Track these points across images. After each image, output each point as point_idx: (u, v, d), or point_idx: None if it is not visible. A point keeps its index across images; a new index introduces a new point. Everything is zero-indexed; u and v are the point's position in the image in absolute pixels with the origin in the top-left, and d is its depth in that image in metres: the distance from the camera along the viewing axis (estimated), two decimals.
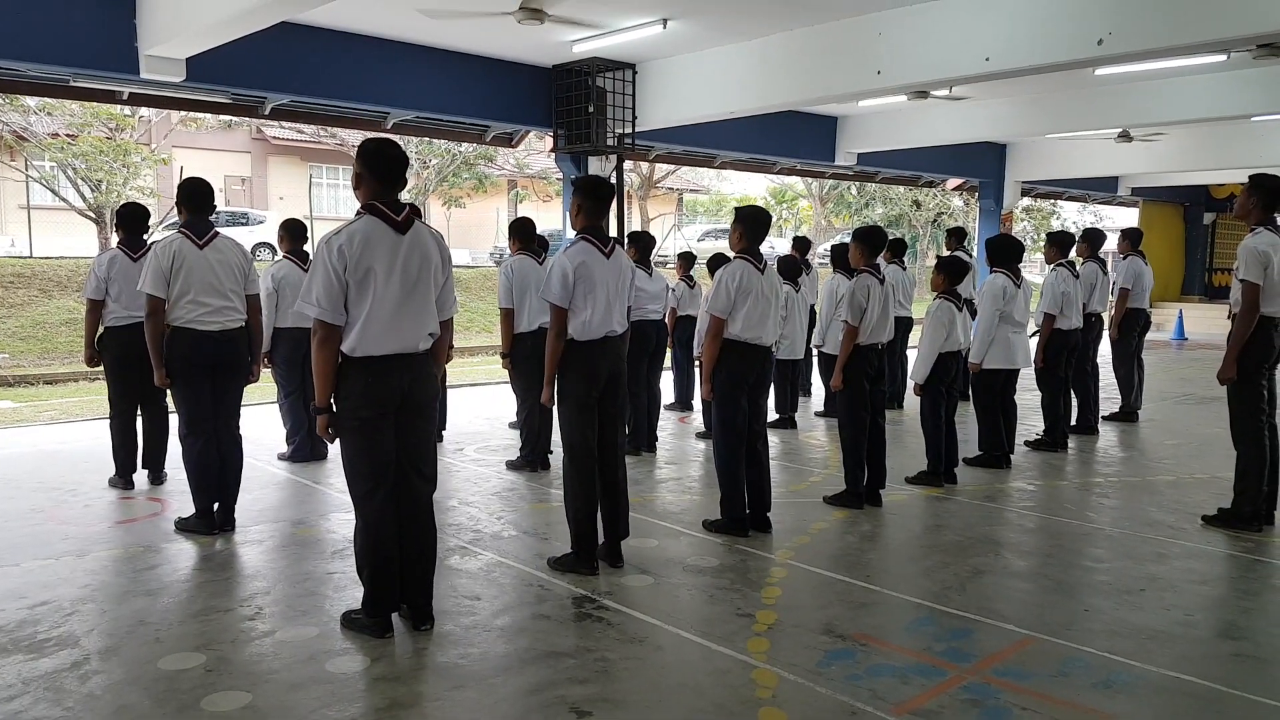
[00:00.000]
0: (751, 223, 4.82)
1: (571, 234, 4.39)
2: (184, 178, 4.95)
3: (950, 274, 6.10)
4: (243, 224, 19.53)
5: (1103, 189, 18.46)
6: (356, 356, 3.37)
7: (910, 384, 6.09)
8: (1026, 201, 24.31)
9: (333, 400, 3.44)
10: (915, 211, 29.33)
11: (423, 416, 3.54)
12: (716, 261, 7.28)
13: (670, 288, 7.58)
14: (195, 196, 4.81)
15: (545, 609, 3.88)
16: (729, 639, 3.59)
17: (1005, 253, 6.57)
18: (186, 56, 6.88)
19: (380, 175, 3.41)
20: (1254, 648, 3.62)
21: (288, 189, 25.19)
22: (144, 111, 17.89)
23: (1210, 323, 18.00)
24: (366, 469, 3.44)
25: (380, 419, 3.42)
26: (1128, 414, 8.49)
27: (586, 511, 4.24)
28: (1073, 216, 32.76)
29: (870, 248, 5.47)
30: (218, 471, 4.86)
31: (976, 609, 3.96)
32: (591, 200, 4.22)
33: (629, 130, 9.30)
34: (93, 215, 17.53)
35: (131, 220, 5.67)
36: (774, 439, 6.95)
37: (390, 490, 3.49)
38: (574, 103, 9.37)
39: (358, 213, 3.46)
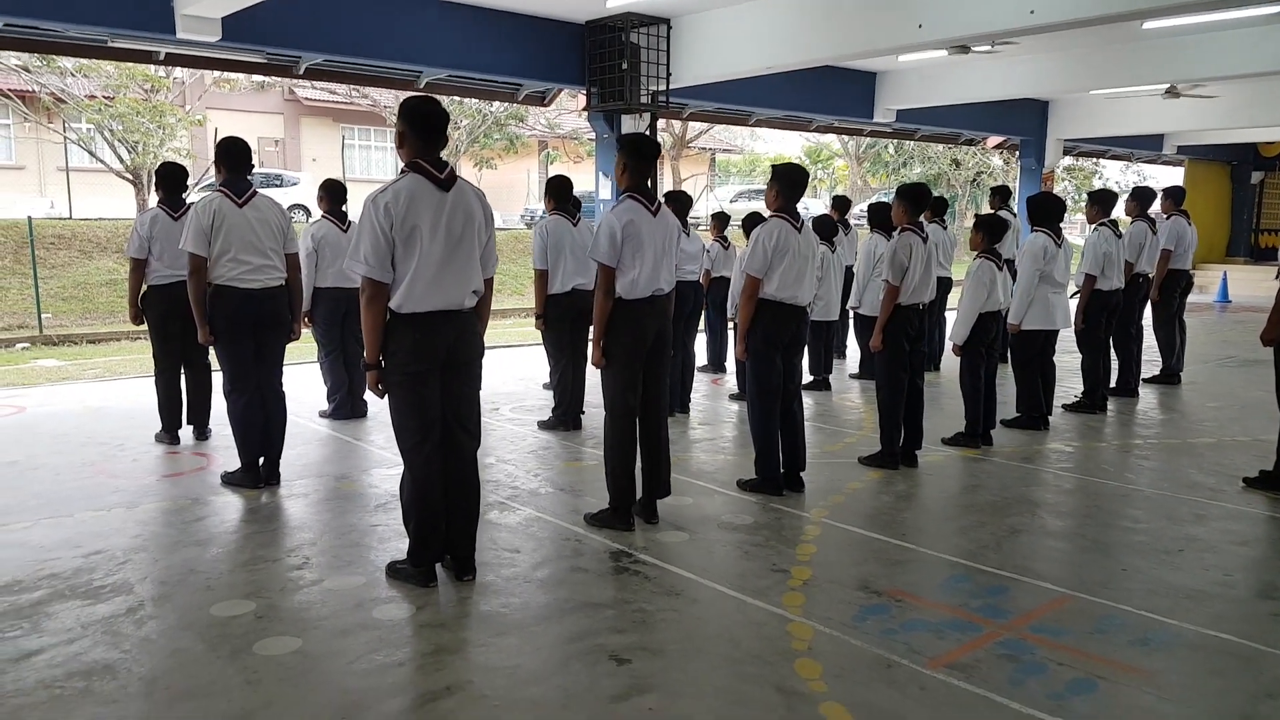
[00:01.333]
0: (788, 181, 4.79)
1: (606, 194, 4.38)
2: (221, 137, 5.00)
3: (990, 233, 6.01)
4: (276, 185, 19.63)
5: (1147, 147, 18.02)
6: (404, 313, 3.43)
7: (950, 344, 6.04)
8: (1068, 161, 23.79)
9: (381, 357, 3.51)
10: (954, 170, 28.81)
11: (468, 372, 3.60)
12: (752, 221, 7.22)
13: (705, 248, 7.55)
14: (233, 155, 4.85)
15: (583, 562, 3.95)
16: (764, 593, 3.64)
17: (1046, 211, 6.45)
18: (222, 16, 6.91)
19: (423, 133, 3.44)
20: None
21: (320, 150, 25.30)
22: (178, 73, 18.00)
23: (1256, 285, 17.59)
24: (414, 423, 3.51)
25: (427, 374, 3.48)
26: (1169, 376, 8.37)
27: (625, 469, 4.28)
28: (1115, 176, 32.02)
29: (914, 205, 5.40)
30: (262, 427, 4.95)
31: (1013, 567, 3.96)
32: (637, 159, 4.22)
33: (663, 88, 9.21)
34: (130, 176, 17.73)
35: (171, 180, 5.74)
36: (808, 401, 6.94)
37: (436, 444, 3.55)
38: (607, 59, 9.28)
39: (401, 171, 3.49)
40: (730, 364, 8.35)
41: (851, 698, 2.86)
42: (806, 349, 5.11)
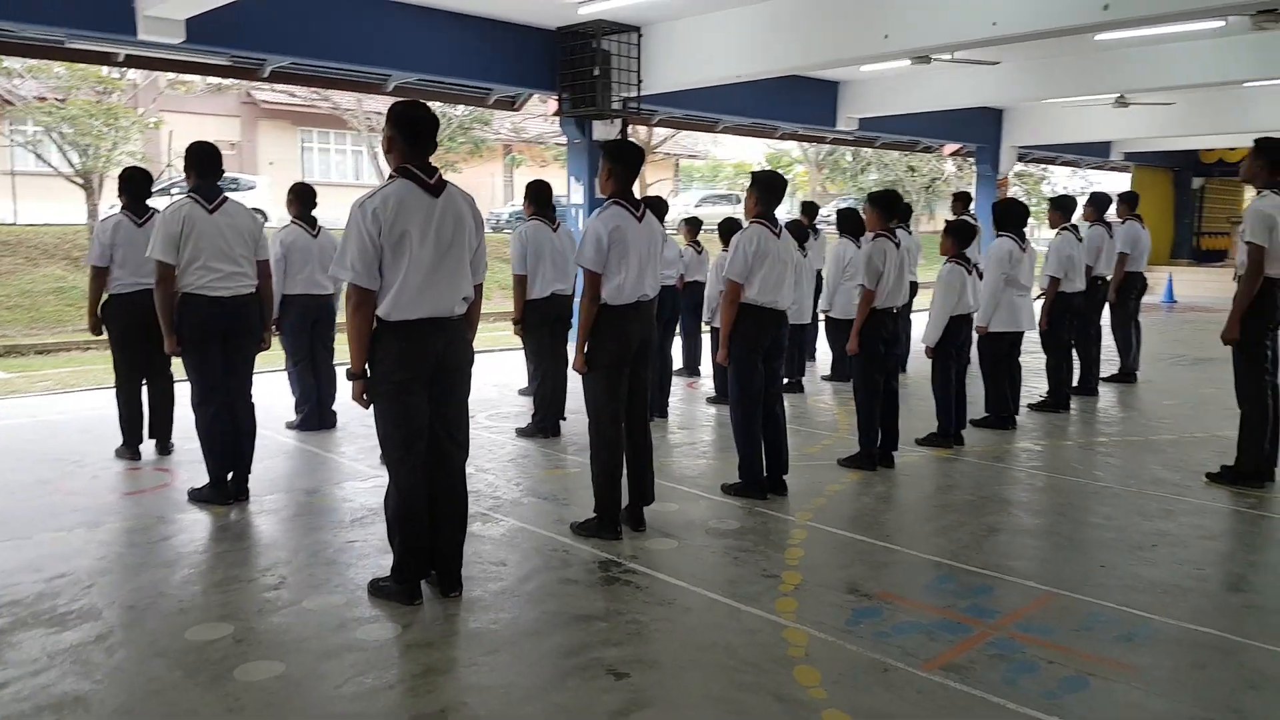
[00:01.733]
0: (767, 188, 4.84)
1: (578, 199, 4.38)
2: (192, 141, 4.89)
3: (959, 238, 6.12)
4: (233, 189, 19.11)
5: (1095, 154, 18.52)
6: (392, 320, 3.37)
7: (923, 347, 6.13)
8: (1019, 166, 24.31)
9: (367, 365, 3.45)
10: (910, 177, 29.24)
11: (457, 381, 3.55)
12: (728, 226, 7.28)
13: (679, 253, 7.57)
14: (204, 160, 4.74)
15: (571, 573, 3.92)
16: (756, 599, 3.65)
17: (1011, 216, 6.59)
18: (186, 18, 6.76)
19: (412, 138, 3.39)
20: (1263, 599, 3.72)
21: (278, 154, 24.86)
22: (132, 74, 17.58)
23: (1199, 286, 18.15)
24: (400, 434, 3.44)
25: (414, 383, 3.42)
26: (1126, 375, 8.58)
27: (611, 477, 4.27)
28: (1063, 181, 32.76)
29: (886, 211, 5.49)
30: (231, 440, 4.84)
31: (994, 566, 4.03)
32: (622, 165, 4.22)
33: (634, 94, 9.23)
34: (80, 181, 17.27)
35: (135, 185, 5.58)
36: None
37: (423, 456, 3.50)
38: (578, 66, 9.29)
39: (390, 176, 3.45)
40: (705, 367, 8.38)
41: (852, 703, 2.88)
42: None
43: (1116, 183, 24.53)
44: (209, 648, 3.24)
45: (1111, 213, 8.21)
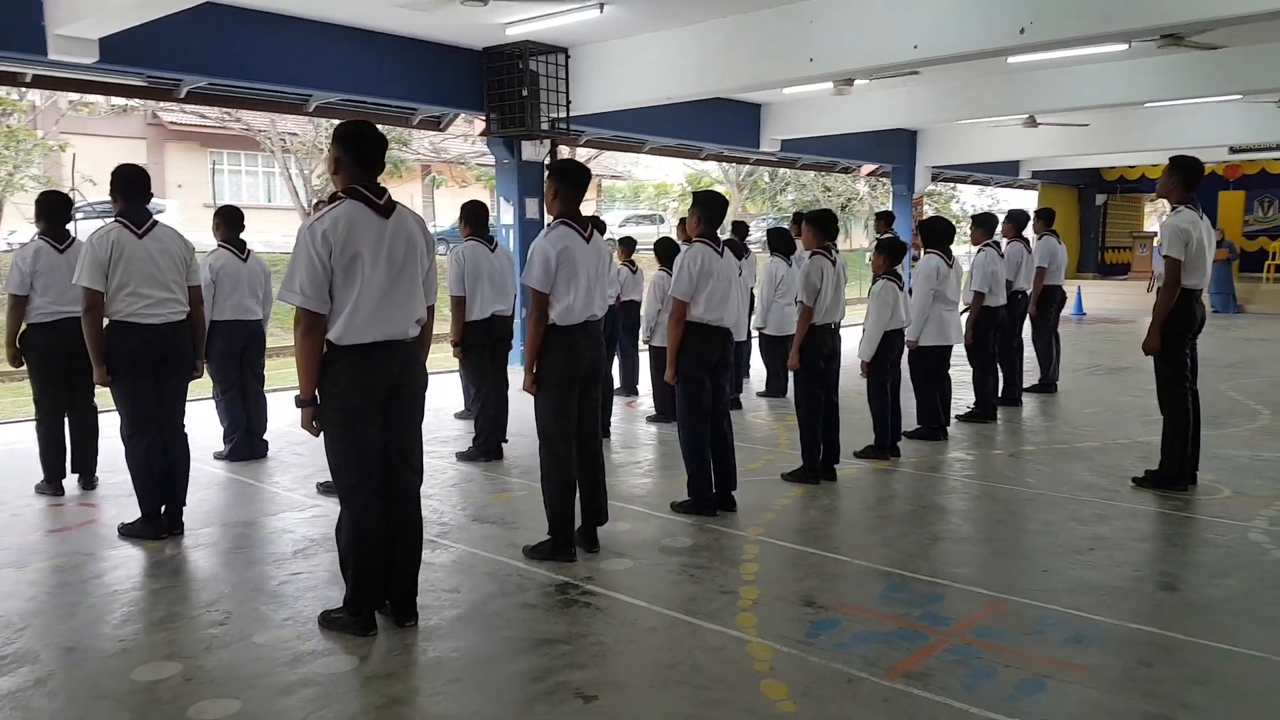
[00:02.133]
0: (709, 207, 4.91)
1: (507, 220, 4.36)
2: (119, 164, 4.71)
3: (891, 255, 6.28)
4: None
5: (1005, 172, 19.26)
6: (344, 344, 3.28)
7: (859, 361, 6.24)
8: (931, 185, 25.14)
9: (317, 392, 3.34)
10: (826, 197, 29.97)
11: (411, 406, 3.48)
12: (664, 246, 7.33)
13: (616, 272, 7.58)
14: (131, 183, 4.58)
15: (529, 597, 3.86)
16: (717, 616, 3.65)
17: (939, 234, 6.80)
18: (99, 37, 6.51)
19: (360, 159, 3.32)
20: (1198, 598, 3.88)
21: (187, 176, 24.05)
22: (32, 95, 16.82)
23: (1105, 298, 19.00)
24: (353, 461, 3.35)
25: (369, 410, 3.34)
26: (1047, 385, 8.90)
27: (564, 499, 4.22)
28: (971, 199, 34.01)
29: (821, 230, 5.61)
30: (164, 472, 4.65)
31: (944, 574, 4.11)
32: (569, 185, 4.20)
33: (563, 115, 9.24)
34: None
35: (54, 209, 5.35)
36: None
37: (377, 484, 3.40)
38: (506, 86, 9.26)
39: (333, 196, 3.37)
40: (644, 386, 8.38)
41: (822, 715, 2.90)
42: None
43: (1023, 200, 25.61)
44: (158, 687, 3.11)
45: (1028, 229, 8.54)
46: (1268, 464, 6.03)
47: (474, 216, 6.25)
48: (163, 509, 4.68)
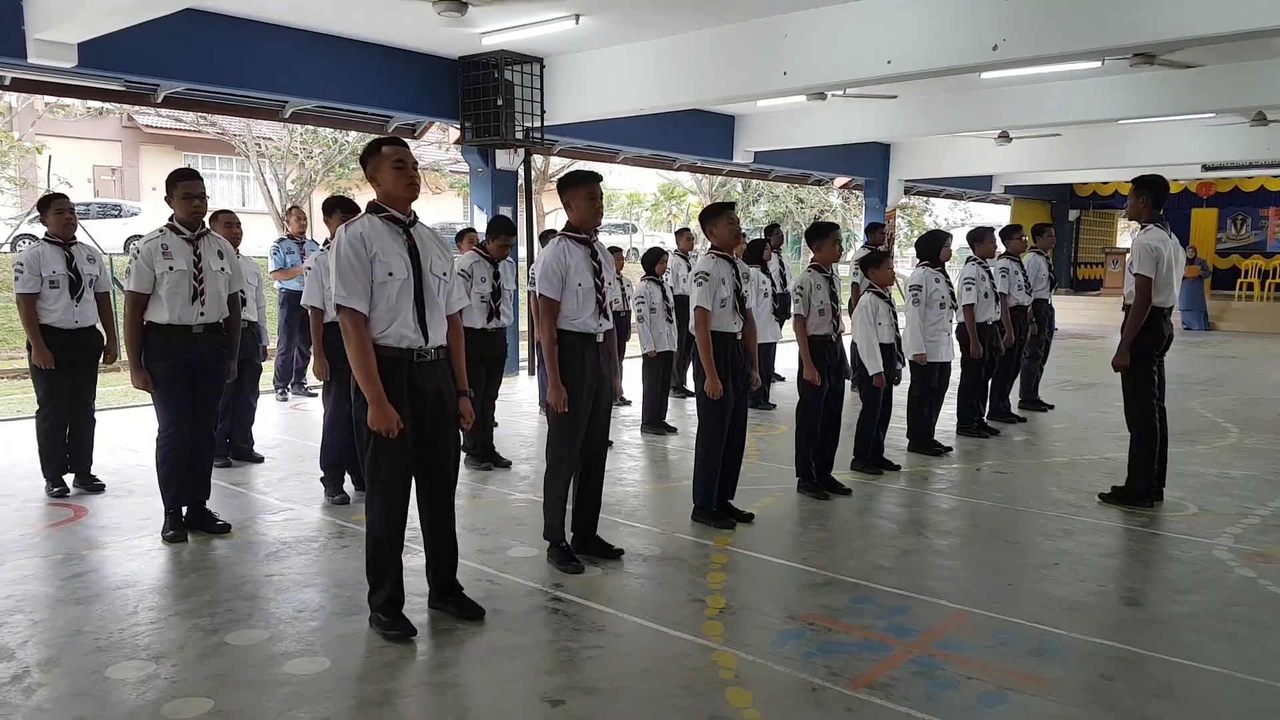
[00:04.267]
0: (725, 222, 4.94)
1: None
2: (174, 169, 4.96)
3: (878, 269, 6.27)
4: (115, 216, 18.33)
5: (978, 187, 19.47)
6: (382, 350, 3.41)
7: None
8: (903, 199, 25.37)
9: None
10: (799, 209, 30.13)
11: (442, 414, 3.56)
12: (653, 256, 7.37)
13: None
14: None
15: (499, 604, 3.86)
16: (685, 624, 3.67)
17: (932, 247, 6.86)
18: (79, 41, 6.48)
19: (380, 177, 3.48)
20: (1159, 613, 3.93)
21: (161, 179, 23.69)
22: (8, 98, 16.62)
23: (1077, 313, 19.22)
24: (388, 469, 3.47)
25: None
26: (1036, 403, 8.90)
27: (561, 518, 4.36)
28: (944, 213, 34.28)
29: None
30: (189, 471, 4.76)
31: (909, 586, 4.15)
32: (582, 193, 4.23)
33: (537, 124, 9.26)
34: None
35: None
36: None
37: (407, 489, 3.55)
38: (481, 95, 9.28)
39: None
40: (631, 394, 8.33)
41: None
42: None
43: (998, 215, 25.90)
44: (134, 685, 3.12)
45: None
46: (1234, 481, 6.12)
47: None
48: (185, 509, 4.78)
